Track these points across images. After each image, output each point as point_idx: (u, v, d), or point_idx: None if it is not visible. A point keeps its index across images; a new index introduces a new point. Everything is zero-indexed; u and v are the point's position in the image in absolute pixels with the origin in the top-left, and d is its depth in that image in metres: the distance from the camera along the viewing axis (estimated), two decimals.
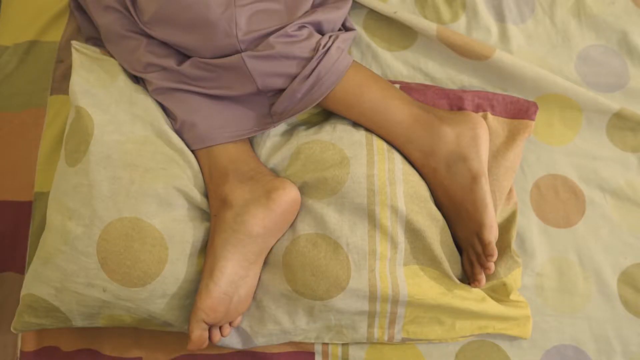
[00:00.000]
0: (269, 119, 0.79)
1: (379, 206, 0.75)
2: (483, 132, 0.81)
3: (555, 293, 0.85)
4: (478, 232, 0.76)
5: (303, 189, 0.77)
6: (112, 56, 0.82)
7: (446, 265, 0.78)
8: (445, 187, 0.79)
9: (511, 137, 0.85)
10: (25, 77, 0.89)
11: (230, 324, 0.74)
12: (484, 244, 0.76)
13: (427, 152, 0.79)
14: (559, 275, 0.86)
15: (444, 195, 0.80)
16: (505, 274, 0.80)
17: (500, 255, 0.81)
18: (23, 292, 0.73)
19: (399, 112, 0.79)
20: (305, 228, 0.75)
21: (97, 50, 0.83)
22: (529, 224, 0.87)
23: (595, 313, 0.85)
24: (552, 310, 0.85)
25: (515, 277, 0.81)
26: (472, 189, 0.77)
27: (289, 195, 0.74)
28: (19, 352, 0.81)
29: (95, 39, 0.87)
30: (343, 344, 0.82)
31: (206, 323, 0.70)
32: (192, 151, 0.78)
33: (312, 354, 0.81)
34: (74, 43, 0.81)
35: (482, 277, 0.77)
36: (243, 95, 0.77)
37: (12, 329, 0.75)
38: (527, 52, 0.94)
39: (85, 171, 0.72)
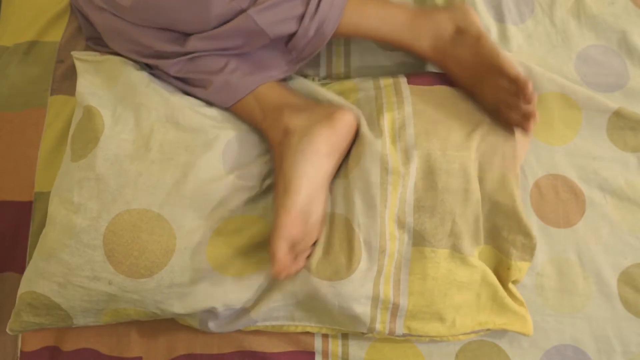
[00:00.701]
0: (292, 56, 0.82)
1: (391, 186, 0.76)
2: (471, 9, 0.86)
3: (555, 293, 0.85)
4: (502, 73, 0.78)
5: None
6: (114, 53, 0.83)
7: (460, 240, 0.78)
8: (458, 60, 0.82)
9: None
10: (25, 77, 0.89)
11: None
12: (513, 79, 0.77)
13: (433, 38, 0.83)
14: (559, 275, 0.85)
15: (459, 68, 0.83)
16: (516, 258, 0.80)
17: (521, 235, 0.80)
18: (21, 290, 0.73)
19: (400, 14, 0.83)
20: (328, 208, 0.76)
21: (96, 54, 0.84)
22: None
23: (595, 313, 0.84)
24: (552, 310, 0.84)
25: (521, 269, 0.81)
26: (480, 45, 0.81)
27: (350, 116, 0.77)
28: (19, 352, 0.81)
29: (96, 39, 0.87)
30: (343, 343, 0.82)
31: (287, 242, 0.70)
32: (231, 108, 0.81)
33: (312, 353, 0.81)
34: (74, 53, 0.83)
35: (532, 108, 0.77)
36: (261, 47, 0.79)
37: (8, 330, 0.75)
38: (527, 52, 0.94)
39: (91, 165, 0.73)
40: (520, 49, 0.94)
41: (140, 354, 0.81)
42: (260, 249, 0.77)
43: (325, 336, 0.82)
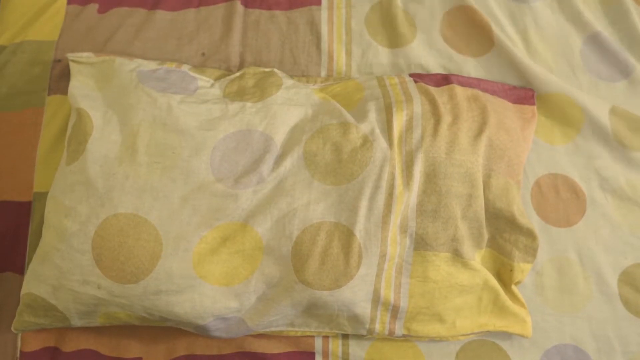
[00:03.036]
0: None
1: (397, 189, 0.75)
2: None
3: (556, 292, 0.85)
4: None
5: (325, 173, 0.76)
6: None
7: (462, 244, 0.77)
8: None
9: (517, 114, 0.86)
10: (23, 77, 0.89)
11: None
12: None
13: None
14: (560, 275, 0.85)
15: None
16: (518, 259, 0.81)
17: (524, 236, 0.81)
18: (23, 291, 0.74)
19: None
20: (323, 216, 0.74)
21: (91, 55, 0.83)
22: None
23: (596, 312, 0.84)
24: (552, 309, 0.84)
25: (523, 270, 0.81)
26: None
27: None
28: (19, 352, 0.81)
29: None
30: (343, 343, 0.82)
31: None
32: None
33: (312, 353, 0.81)
34: (69, 55, 0.83)
35: None
36: None
37: (12, 329, 0.75)
38: (533, 34, 0.94)
39: (81, 169, 0.73)
40: (527, 28, 0.94)
41: (140, 355, 0.80)
42: (248, 256, 0.75)
43: (325, 336, 0.82)
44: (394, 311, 0.77)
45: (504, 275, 0.82)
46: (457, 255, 0.78)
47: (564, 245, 0.86)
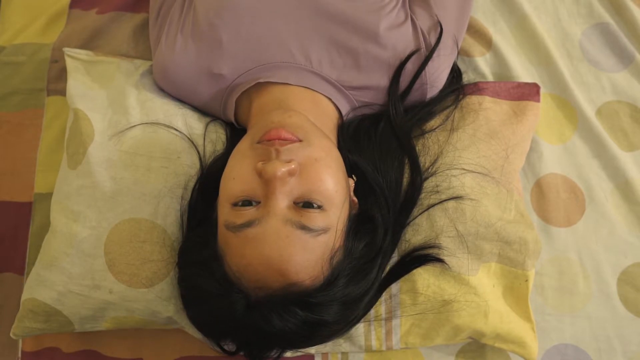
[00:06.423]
0: None
1: None
2: None
3: (556, 292, 0.85)
4: None
5: None
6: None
7: (451, 257, 0.73)
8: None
9: (514, 116, 0.83)
10: (22, 78, 0.89)
11: None
12: None
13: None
14: (559, 275, 0.85)
15: None
16: (531, 267, 0.77)
17: (532, 243, 0.77)
18: (24, 297, 0.73)
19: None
20: None
21: (90, 53, 0.83)
22: None
23: (596, 312, 0.84)
24: (553, 309, 0.84)
25: (533, 275, 0.78)
26: None
27: None
28: (20, 352, 0.81)
29: None
30: None
31: None
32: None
33: (312, 355, 0.80)
34: (66, 50, 0.82)
35: None
36: None
37: (11, 335, 0.74)
38: (533, 22, 0.94)
39: (87, 173, 0.72)
40: (526, 19, 0.94)
41: (140, 356, 0.80)
42: None
43: None
44: (388, 325, 0.75)
45: (518, 288, 0.78)
46: (446, 269, 0.74)
47: (564, 245, 0.86)
